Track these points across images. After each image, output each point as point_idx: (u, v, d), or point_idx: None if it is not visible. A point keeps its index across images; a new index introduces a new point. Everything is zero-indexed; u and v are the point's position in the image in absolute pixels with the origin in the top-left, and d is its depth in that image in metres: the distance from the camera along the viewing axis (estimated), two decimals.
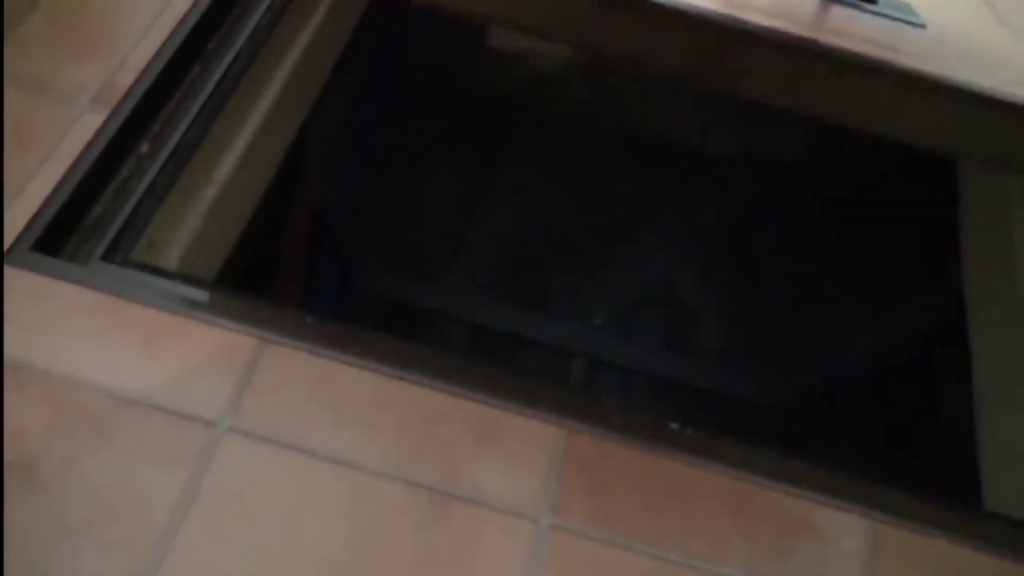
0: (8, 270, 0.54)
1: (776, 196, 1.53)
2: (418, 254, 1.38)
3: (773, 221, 1.52)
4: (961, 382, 0.88)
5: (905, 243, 1.36)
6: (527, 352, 1.30)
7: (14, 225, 0.56)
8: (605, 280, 1.40)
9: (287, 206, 1.15)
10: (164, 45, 0.67)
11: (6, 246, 0.55)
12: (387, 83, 1.51)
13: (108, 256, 0.57)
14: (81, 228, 0.58)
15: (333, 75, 0.88)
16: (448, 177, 1.48)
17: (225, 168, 0.68)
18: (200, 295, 0.55)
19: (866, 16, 0.93)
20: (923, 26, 0.93)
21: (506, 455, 0.52)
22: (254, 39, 0.71)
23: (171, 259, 0.63)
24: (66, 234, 0.58)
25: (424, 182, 1.46)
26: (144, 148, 0.63)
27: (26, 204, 0.57)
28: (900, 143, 0.90)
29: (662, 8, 0.90)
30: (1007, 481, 0.70)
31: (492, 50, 1.70)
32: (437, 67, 1.59)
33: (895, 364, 1.29)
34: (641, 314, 1.38)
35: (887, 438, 1.29)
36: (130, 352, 0.52)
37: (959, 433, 0.86)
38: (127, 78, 0.64)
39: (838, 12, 0.91)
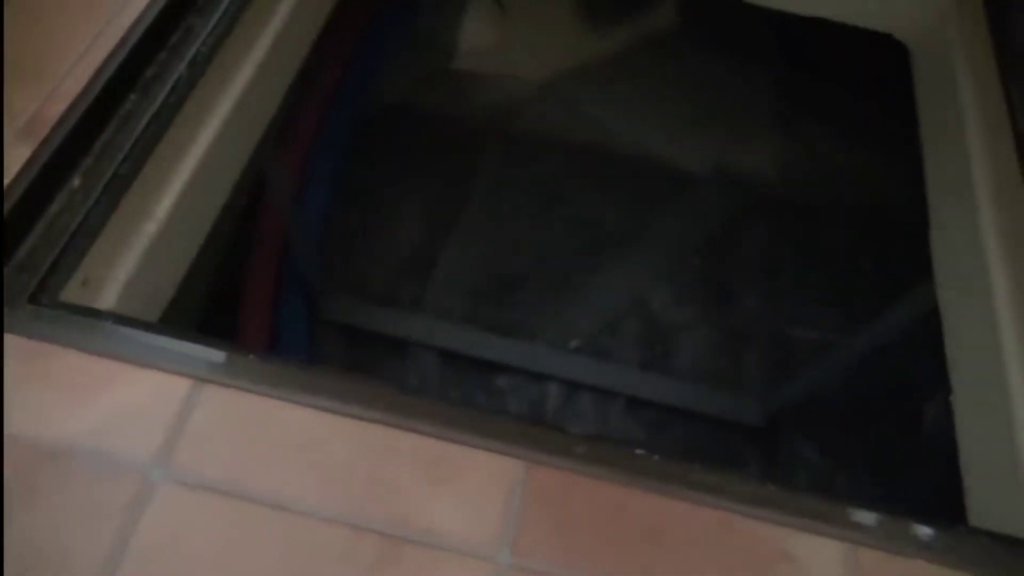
0: None
1: (750, 213, 1.52)
2: (387, 281, 1.35)
3: (747, 230, 1.51)
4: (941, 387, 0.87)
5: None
6: (501, 377, 1.27)
7: None
8: (580, 302, 1.37)
9: (242, 239, 1.12)
10: (99, 72, 0.64)
11: None
12: (347, 107, 1.49)
13: (36, 298, 0.54)
14: (6, 268, 0.55)
15: (285, 100, 0.85)
16: (417, 203, 1.45)
17: (166, 202, 0.65)
18: (133, 336, 0.52)
19: None
20: None
21: (461, 492, 0.49)
22: (194, 67, 0.69)
23: (109, 299, 0.60)
24: None
25: (392, 208, 1.44)
26: (76, 182, 0.60)
27: None
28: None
29: None
30: (991, 490, 0.68)
31: (459, 73, 1.69)
32: (400, 91, 1.58)
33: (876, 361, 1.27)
34: (617, 335, 1.35)
35: (868, 448, 1.27)
36: (56, 399, 0.49)
37: (941, 442, 0.85)
38: (58, 107, 0.61)
39: None
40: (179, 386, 0.50)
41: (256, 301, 1.16)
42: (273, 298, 1.19)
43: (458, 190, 1.48)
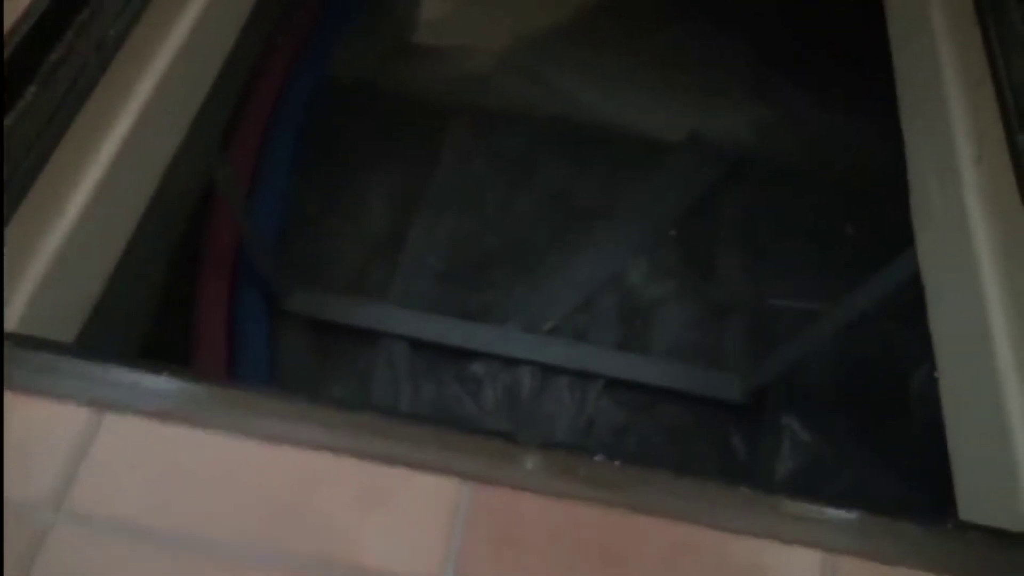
0: None
1: (728, 180, 1.47)
2: (353, 269, 1.30)
3: (725, 199, 1.46)
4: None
5: None
6: (475, 364, 1.22)
7: None
8: (554, 280, 1.32)
9: (192, 237, 1.07)
10: None
11: None
12: (302, 87, 1.42)
13: None
14: None
15: (217, 87, 0.79)
16: (380, 184, 1.39)
17: (75, 205, 0.59)
18: (27, 359, 0.47)
19: None
20: None
21: (397, 520, 0.44)
22: (103, 50, 0.63)
23: (11, 319, 0.54)
24: None
25: (354, 191, 1.38)
26: None
27: None
28: None
29: None
30: (981, 478, 0.64)
31: (419, 48, 1.62)
32: (358, 68, 1.51)
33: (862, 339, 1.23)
34: (594, 312, 1.30)
35: (855, 421, 1.23)
36: None
37: (930, 412, 0.81)
38: None
39: None
40: (80, 416, 0.45)
41: (210, 303, 1.11)
42: (228, 298, 1.14)
43: (423, 169, 1.42)
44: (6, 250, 0.54)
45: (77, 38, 0.63)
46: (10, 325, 0.54)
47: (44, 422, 0.44)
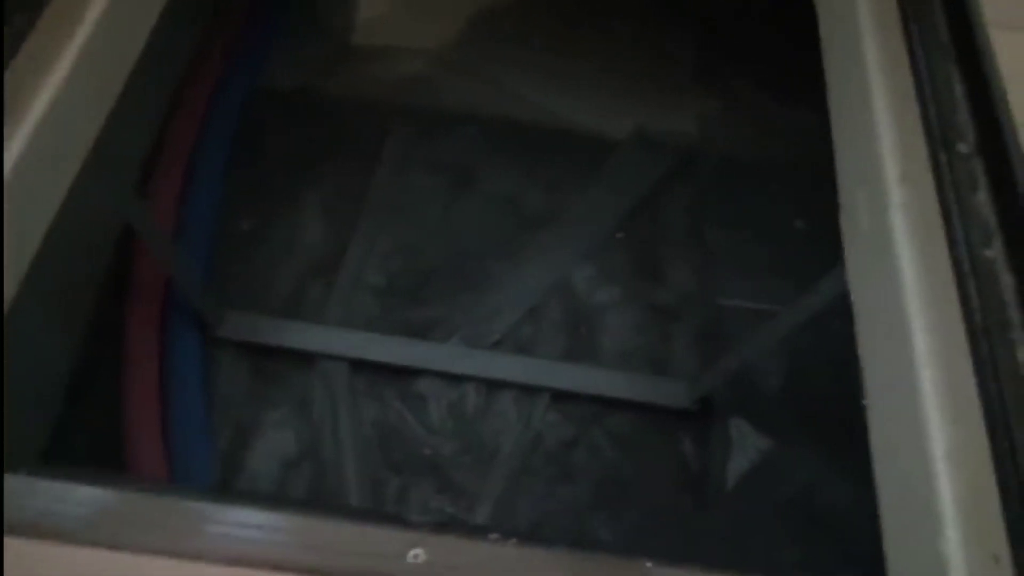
0: None
1: (675, 177, 1.44)
2: (289, 288, 1.26)
3: (673, 196, 1.43)
4: None
5: None
6: (418, 382, 1.19)
7: None
8: (498, 291, 1.29)
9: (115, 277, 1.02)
10: None
11: None
12: (232, 98, 1.38)
13: None
14: None
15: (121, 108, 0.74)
16: (316, 197, 1.35)
17: None
18: None
19: None
20: None
21: None
22: None
23: None
24: None
25: (289, 205, 1.33)
26: None
27: None
28: None
29: None
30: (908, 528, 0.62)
31: (356, 51, 1.57)
32: (291, 74, 1.46)
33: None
34: (539, 322, 1.28)
35: (809, 424, 1.22)
36: None
37: None
38: None
39: None
40: None
41: (138, 338, 1.07)
42: (158, 331, 1.10)
43: (361, 178, 1.38)
44: None
45: None
46: None
47: None
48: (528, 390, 1.20)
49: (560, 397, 1.20)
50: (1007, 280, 0.61)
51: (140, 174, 1.17)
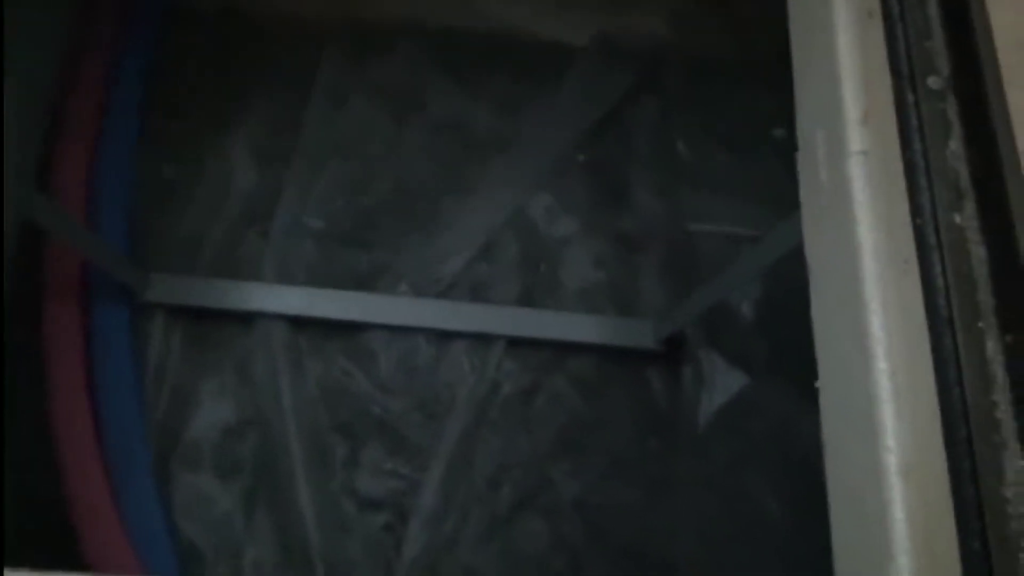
0: None
1: (642, 87, 1.30)
2: (220, 242, 1.16)
3: (639, 110, 1.30)
4: None
5: None
6: (364, 337, 1.12)
7: None
8: (449, 228, 1.19)
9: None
10: None
11: None
12: (146, 27, 1.24)
13: None
14: None
15: None
16: (245, 135, 1.23)
17: None
18: None
19: None
20: None
21: None
22: None
23: None
24: None
25: (216, 147, 1.22)
26: None
27: None
28: None
29: None
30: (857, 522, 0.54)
31: None
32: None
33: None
34: (495, 260, 1.18)
35: (782, 355, 1.14)
36: None
37: None
38: None
39: None
40: None
41: (59, 315, 1.00)
42: (79, 303, 1.02)
43: (293, 110, 1.25)
44: None
45: None
46: None
47: None
48: (483, 338, 1.12)
49: (517, 343, 1.12)
50: (979, 254, 0.51)
51: (40, 153, 1.06)
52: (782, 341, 1.14)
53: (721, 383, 1.13)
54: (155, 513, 0.99)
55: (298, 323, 1.11)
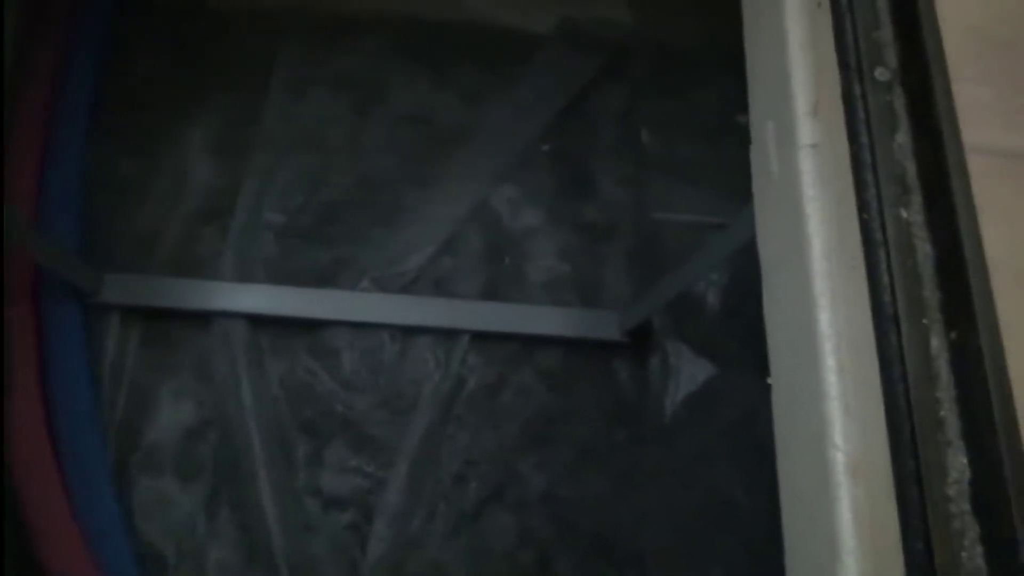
0: None
1: (606, 75, 1.29)
2: (177, 240, 1.14)
3: (603, 97, 1.28)
4: None
5: None
6: (326, 334, 1.10)
7: None
8: (412, 222, 1.18)
9: None
10: None
11: None
12: (97, 21, 1.21)
13: None
14: None
15: None
16: (202, 128, 1.20)
17: None
18: None
19: None
20: None
21: None
22: None
23: None
24: None
25: (171, 140, 1.19)
26: None
27: None
28: None
29: None
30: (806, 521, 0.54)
31: None
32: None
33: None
34: (458, 253, 1.17)
35: (751, 345, 1.14)
36: None
37: None
38: None
39: None
40: None
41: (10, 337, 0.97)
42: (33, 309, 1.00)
43: (253, 102, 1.22)
44: None
45: None
46: None
47: None
48: (448, 333, 1.11)
49: (482, 337, 1.11)
50: (924, 250, 0.50)
51: None
52: (749, 329, 1.14)
53: (688, 373, 1.12)
54: (113, 517, 0.98)
55: (259, 321, 1.09)
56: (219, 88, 1.23)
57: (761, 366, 1.18)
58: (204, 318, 1.08)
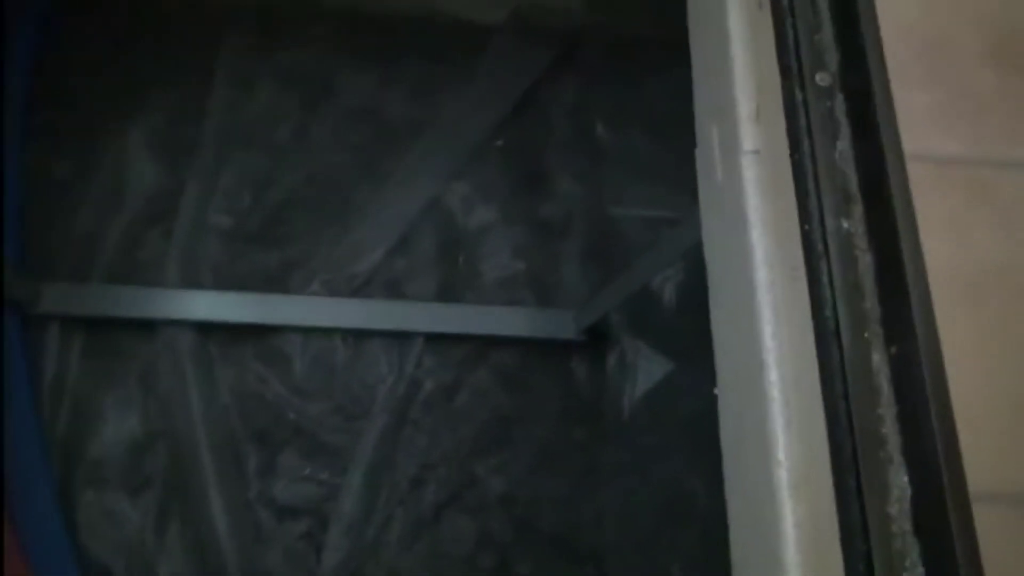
0: None
1: (560, 65, 1.27)
2: (118, 245, 1.10)
3: (557, 89, 1.26)
4: None
5: None
6: (276, 339, 1.07)
7: None
8: (363, 221, 1.15)
9: None
10: None
11: None
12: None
13: None
14: None
15: None
16: (143, 126, 1.16)
17: None
18: None
19: None
20: None
21: None
22: None
23: None
24: None
25: (109, 140, 1.15)
26: None
27: None
28: None
29: None
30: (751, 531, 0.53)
31: None
32: None
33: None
34: (411, 253, 1.15)
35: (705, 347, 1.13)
36: None
37: None
38: None
39: None
40: None
41: None
42: None
43: (196, 98, 1.18)
44: None
45: None
46: None
47: None
48: (402, 336, 1.09)
49: (437, 339, 1.09)
50: (866, 261, 0.49)
51: None
52: (706, 324, 1.13)
53: (645, 369, 1.12)
54: (58, 535, 0.95)
55: (206, 328, 1.06)
56: (160, 83, 1.18)
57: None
58: (149, 326, 1.05)
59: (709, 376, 1.20)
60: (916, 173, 0.49)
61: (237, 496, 1.00)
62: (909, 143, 0.50)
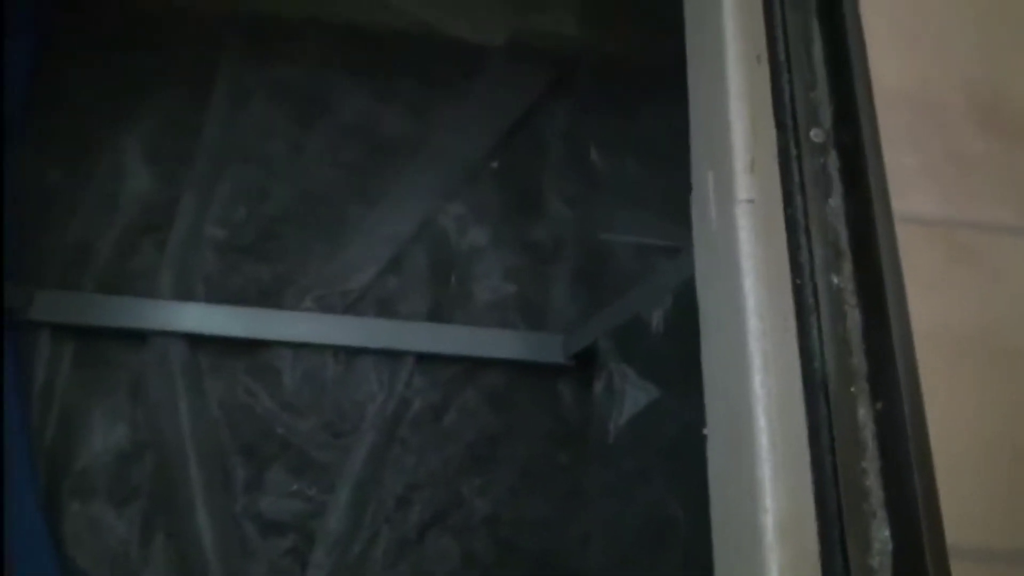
0: None
1: (555, 90, 1.28)
2: (112, 255, 1.10)
3: (553, 113, 1.28)
4: None
5: None
6: (267, 355, 1.08)
7: None
8: (357, 239, 1.16)
9: None
10: None
11: None
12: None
13: None
14: None
15: None
16: (138, 138, 1.16)
17: None
18: None
19: None
20: None
21: None
22: None
23: None
24: None
25: (106, 151, 1.15)
26: None
27: None
28: None
29: None
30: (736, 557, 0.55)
31: None
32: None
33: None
34: (404, 272, 1.15)
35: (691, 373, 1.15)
36: None
37: None
38: None
39: None
40: None
41: None
42: None
43: (192, 110, 1.19)
44: None
45: None
46: None
47: None
48: (392, 354, 1.09)
49: (426, 359, 1.10)
50: (854, 317, 0.51)
51: None
52: (693, 352, 1.15)
53: (632, 395, 1.13)
54: (43, 545, 0.95)
55: (197, 340, 1.06)
56: (157, 94, 1.19)
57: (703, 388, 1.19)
58: (140, 337, 1.05)
59: (693, 404, 1.21)
60: (904, 233, 0.51)
61: (223, 510, 1.00)
62: (898, 202, 0.51)
